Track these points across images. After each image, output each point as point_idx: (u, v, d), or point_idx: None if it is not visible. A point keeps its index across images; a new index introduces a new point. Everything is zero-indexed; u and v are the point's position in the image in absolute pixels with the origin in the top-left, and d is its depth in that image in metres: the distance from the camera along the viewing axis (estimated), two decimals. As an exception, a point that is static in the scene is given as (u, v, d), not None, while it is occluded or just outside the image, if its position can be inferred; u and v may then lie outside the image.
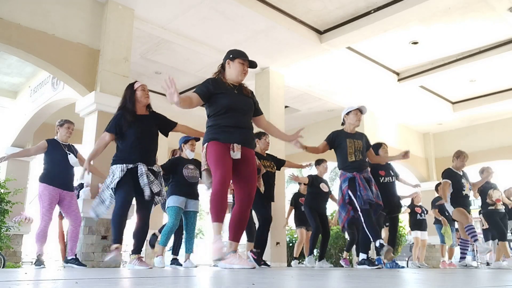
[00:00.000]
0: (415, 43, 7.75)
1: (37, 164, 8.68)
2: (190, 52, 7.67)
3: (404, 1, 6.31)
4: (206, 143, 3.35)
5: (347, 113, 4.91)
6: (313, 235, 6.48)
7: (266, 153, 5.57)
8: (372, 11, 6.68)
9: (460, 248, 6.51)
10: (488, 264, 6.81)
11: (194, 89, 3.43)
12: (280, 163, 5.78)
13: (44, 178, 4.84)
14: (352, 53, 8.06)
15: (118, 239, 3.80)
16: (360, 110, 4.85)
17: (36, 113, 8.42)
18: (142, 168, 3.82)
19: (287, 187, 13.73)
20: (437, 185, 8.26)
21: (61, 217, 5.96)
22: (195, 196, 5.34)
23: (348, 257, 7.13)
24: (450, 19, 6.95)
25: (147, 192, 3.80)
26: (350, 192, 4.64)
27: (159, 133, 4.14)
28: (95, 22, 6.17)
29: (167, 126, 4.13)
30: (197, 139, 5.39)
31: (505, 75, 9.02)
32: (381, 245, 4.50)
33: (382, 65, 8.69)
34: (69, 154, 4.92)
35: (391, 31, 7.16)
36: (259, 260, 5.17)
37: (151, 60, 8.17)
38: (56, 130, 5.08)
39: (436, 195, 8.13)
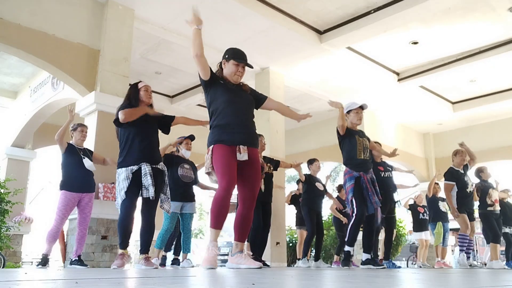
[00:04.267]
0: (415, 43, 7.75)
1: (37, 165, 8.67)
2: (190, 52, 7.65)
3: (404, 1, 6.31)
4: (212, 146, 3.26)
5: (348, 112, 4.80)
6: (307, 238, 6.47)
7: (263, 156, 5.56)
8: (372, 11, 6.68)
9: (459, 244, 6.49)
10: (485, 264, 6.81)
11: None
12: (276, 164, 5.80)
13: (63, 186, 4.85)
14: (352, 53, 8.06)
15: (124, 245, 3.81)
16: (361, 107, 4.76)
17: (36, 113, 8.42)
18: (146, 168, 3.81)
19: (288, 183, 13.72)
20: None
21: None
22: (190, 198, 5.34)
23: (339, 259, 7.12)
24: (450, 19, 6.95)
25: (151, 193, 3.79)
26: (352, 193, 4.56)
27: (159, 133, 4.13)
28: (95, 22, 6.17)
29: (167, 121, 4.13)
30: (192, 139, 5.39)
31: (505, 75, 9.02)
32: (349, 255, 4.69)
33: (382, 65, 8.69)
34: (84, 158, 4.92)
35: (391, 31, 7.16)
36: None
37: (151, 60, 8.17)
38: (71, 135, 5.07)
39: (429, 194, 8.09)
